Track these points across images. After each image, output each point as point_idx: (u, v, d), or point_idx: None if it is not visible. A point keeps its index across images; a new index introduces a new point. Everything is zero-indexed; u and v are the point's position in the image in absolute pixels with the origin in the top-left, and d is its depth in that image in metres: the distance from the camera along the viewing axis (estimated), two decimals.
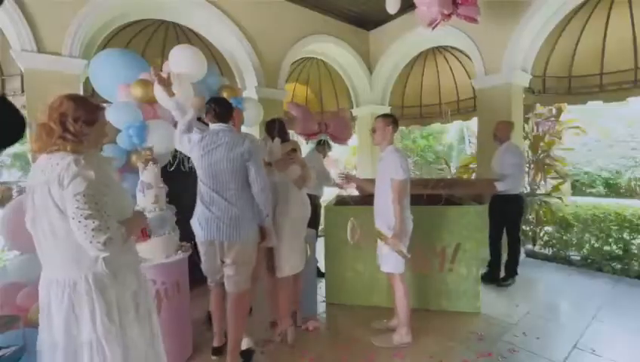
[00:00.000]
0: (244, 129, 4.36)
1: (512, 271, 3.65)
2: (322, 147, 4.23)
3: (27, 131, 1.44)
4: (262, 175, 2.14)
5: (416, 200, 2.74)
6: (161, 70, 2.72)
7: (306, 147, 4.48)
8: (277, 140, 2.56)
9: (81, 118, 1.29)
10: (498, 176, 3.43)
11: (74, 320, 1.26)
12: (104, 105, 2.32)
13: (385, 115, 2.62)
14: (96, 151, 1.45)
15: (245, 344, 2.38)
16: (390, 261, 2.46)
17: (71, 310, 1.26)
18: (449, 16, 2.65)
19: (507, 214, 3.53)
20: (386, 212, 2.43)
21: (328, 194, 4.42)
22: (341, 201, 3.70)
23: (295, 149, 2.60)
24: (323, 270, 3.44)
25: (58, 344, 1.26)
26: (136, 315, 1.39)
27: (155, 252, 2.18)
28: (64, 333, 1.26)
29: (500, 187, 3.35)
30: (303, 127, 3.06)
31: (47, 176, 1.22)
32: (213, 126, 2.17)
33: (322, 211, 4.02)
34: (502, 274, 3.68)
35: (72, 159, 1.22)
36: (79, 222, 1.19)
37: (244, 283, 2.18)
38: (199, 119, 2.41)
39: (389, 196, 2.40)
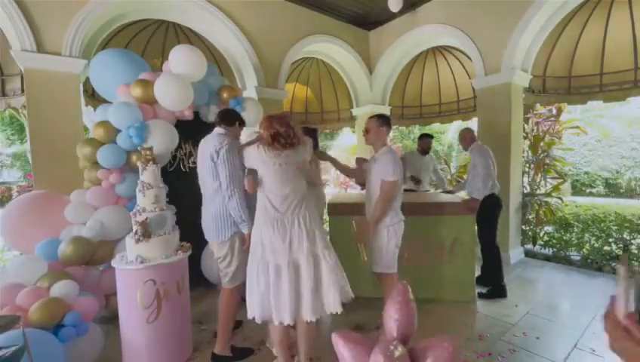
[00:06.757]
0: (244, 130, 4.35)
1: (495, 284, 3.29)
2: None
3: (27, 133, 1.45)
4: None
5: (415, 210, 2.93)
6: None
7: None
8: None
9: None
10: (469, 186, 3.25)
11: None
12: None
13: (378, 116, 2.54)
14: None
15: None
16: (380, 261, 2.46)
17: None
18: None
19: (479, 215, 3.20)
20: None
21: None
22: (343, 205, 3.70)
23: None
24: None
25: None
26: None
27: (155, 252, 2.18)
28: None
29: (479, 195, 3.10)
30: None
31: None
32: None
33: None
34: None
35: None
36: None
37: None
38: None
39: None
